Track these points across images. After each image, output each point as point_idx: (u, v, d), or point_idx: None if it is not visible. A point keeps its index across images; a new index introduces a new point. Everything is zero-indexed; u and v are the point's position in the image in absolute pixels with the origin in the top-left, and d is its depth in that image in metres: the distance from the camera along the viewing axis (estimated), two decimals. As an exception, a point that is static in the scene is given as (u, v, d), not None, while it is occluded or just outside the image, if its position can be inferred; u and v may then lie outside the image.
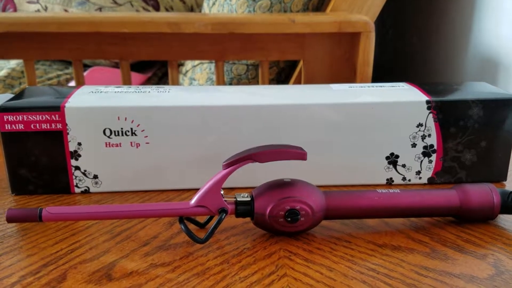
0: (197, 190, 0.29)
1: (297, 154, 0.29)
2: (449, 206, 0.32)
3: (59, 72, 0.91)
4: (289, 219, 0.30)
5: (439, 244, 0.31)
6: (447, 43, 0.84)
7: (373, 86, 0.40)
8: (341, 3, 0.70)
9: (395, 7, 1.05)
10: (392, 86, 0.40)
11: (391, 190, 0.32)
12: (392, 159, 0.38)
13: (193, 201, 0.29)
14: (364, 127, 0.37)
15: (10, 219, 0.29)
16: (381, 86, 0.40)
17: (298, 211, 0.30)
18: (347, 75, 0.69)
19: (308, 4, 0.76)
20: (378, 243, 0.31)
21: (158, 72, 1.02)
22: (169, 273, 0.27)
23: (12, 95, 0.38)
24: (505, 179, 0.39)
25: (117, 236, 0.31)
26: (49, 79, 0.88)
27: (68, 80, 0.89)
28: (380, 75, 1.15)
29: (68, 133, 0.36)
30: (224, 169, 0.29)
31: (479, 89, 0.39)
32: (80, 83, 0.69)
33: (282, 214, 0.29)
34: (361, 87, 0.40)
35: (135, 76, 0.90)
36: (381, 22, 1.15)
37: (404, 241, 0.31)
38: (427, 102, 0.36)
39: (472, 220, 0.33)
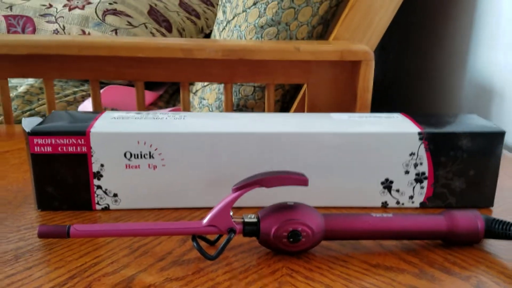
0: (207, 208, 0.33)
1: (299, 180, 0.33)
2: (437, 230, 0.35)
3: (75, 89, 0.96)
4: (292, 239, 0.33)
5: (427, 266, 0.34)
6: (444, 69, 0.88)
7: (370, 116, 0.44)
8: (344, 32, 0.74)
9: (398, 33, 1.09)
10: (388, 117, 0.43)
11: (384, 215, 0.35)
12: (387, 184, 0.41)
13: (205, 221, 0.32)
14: (361, 155, 0.40)
15: (41, 235, 0.32)
16: (378, 117, 0.44)
17: (299, 232, 0.33)
18: (348, 99, 0.72)
19: (313, 32, 0.80)
20: (372, 263, 0.34)
21: (169, 89, 1.06)
22: (183, 287, 0.31)
23: (41, 119, 0.42)
24: (492, 205, 0.42)
25: (135, 251, 0.35)
26: (66, 95, 0.92)
27: (84, 97, 0.93)
28: (380, 95, 1.19)
29: (92, 155, 0.39)
30: (234, 192, 0.32)
31: (469, 121, 0.43)
32: (97, 102, 0.73)
33: (285, 235, 0.33)
34: (359, 117, 0.44)
35: (147, 94, 0.94)
36: (382, 46, 1.19)
37: (396, 262, 0.34)
38: (419, 133, 0.40)
39: (458, 243, 0.36)
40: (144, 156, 0.39)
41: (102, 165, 0.40)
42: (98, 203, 0.41)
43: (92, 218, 0.40)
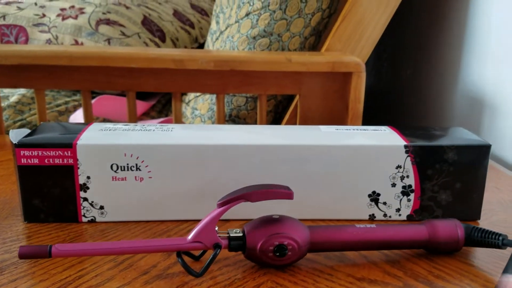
0: (194, 221, 0.33)
1: (285, 194, 0.33)
2: (418, 240, 0.35)
3: (67, 99, 0.96)
4: (278, 253, 0.33)
5: (412, 279, 0.34)
6: (436, 81, 0.88)
7: (357, 129, 0.44)
8: (336, 43, 0.74)
9: (391, 44, 1.10)
10: (375, 130, 0.44)
11: (368, 225, 0.36)
12: (374, 197, 0.41)
13: (190, 237, 0.32)
14: (348, 167, 0.40)
15: (22, 256, 0.31)
16: (365, 130, 0.44)
17: (285, 246, 0.33)
18: (340, 110, 0.73)
19: (305, 43, 0.80)
20: (357, 276, 0.34)
21: (162, 99, 1.06)
22: (166, 300, 0.30)
23: (28, 131, 0.42)
24: (479, 218, 0.43)
25: (120, 264, 0.34)
26: (58, 105, 0.92)
27: (76, 107, 0.93)
28: (374, 104, 1.20)
29: (78, 167, 0.39)
30: (219, 207, 0.32)
31: (456, 135, 0.43)
32: (88, 112, 0.73)
33: (271, 249, 0.33)
34: (347, 129, 0.44)
35: (140, 104, 0.94)
36: (377, 55, 1.19)
37: (380, 275, 0.34)
38: (405, 146, 0.40)
39: (439, 251, 0.36)
40: (130, 168, 0.39)
41: (88, 177, 0.39)
42: (84, 216, 0.41)
43: (78, 231, 0.40)
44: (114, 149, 0.39)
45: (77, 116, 0.87)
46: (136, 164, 0.39)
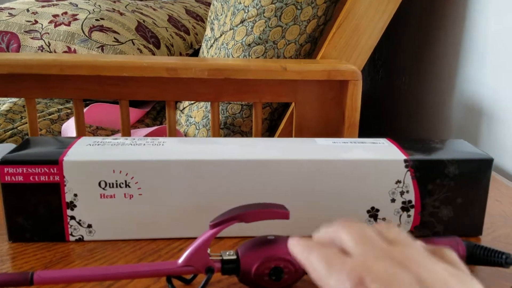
0: (186, 239, 0.31)
1: (280, 214, 0.31)
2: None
3: (60, 107, 0.94)
4: (274, 277, 0.31)
5: None
6: (432, 89, 0.87)
7: (355, 142, 0.42)
8: (331, 50, 0.73)
9: (387, 52, 1.09)
10: (373, 143, 0.42)
11: None
12: (373, 213, 0.40)
13: (180, 261, 0.31)
14: (346, 182, 0.39)
15: (1, 284, 0.30)
16: (363, 143, 0.42)
17: (282, 268, 0.31)
18: (337, 118, 0.71)
19: (300, 50, 0.79)
20: None
21: (156, 106, 1.05)
22: (156, 328, 0.29)
23: (14, 146, 0.40)
24: (481, 234, 0.41)
25: (108, 287, 0.33)
26: (50, 113, 0.91)
27: (68, 115, 0.91)
28: (371, 112, 1.19)
29: (65, 185, 0.38)
30: (211, 229, 0.31)
31: (456, 148, 0.42)
32: (80, 121, 0.72)
33: (267, 273, 0.31)
34: (344, 142, 0.42)
35: (133, 111, 0.93)
36: (372, 62, 1.18)
37: None
38: (405, 161, 0.39)
39: None
40: (119, 185, 0.38)
41: (75, 195, 0.38)
42: (71, 234, 0.39)
43: (65, 251, 0.38)
44: (103, 166, 0.37)
45: (70, 125, 0.85)
46: (126, 181, 0.38)
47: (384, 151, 0.40)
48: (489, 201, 0.48)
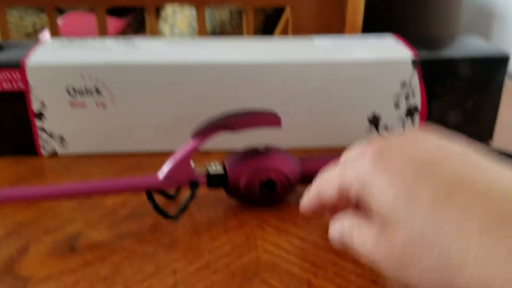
0: (169, 152, 0.28)
1: (271, 121, 0.28)
2: None
3: (35, 19, 0.87)
4: (265, 190, 0.28)
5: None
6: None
7: (357, 40, 0.38)
8: None
9: None
10: (378, 40, 0.38)
11: None
12: (374, 120, 0.36)
13: (161, 174, 0.27)
14: (346, 87, 0.35)
15: None
16: (366, 40, 0.38)
17: (274, 181, 0.28)
18: (336, 23, 0.65)
19: None
20: (355, 210, 0.30)
21: (138, 15, 0.97)
22: (136, 245, 0.26)
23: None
24: (491, 138, 0.38)
25: (83, 203, 0.30)
26: (25, 27, 0.84)
27: (44, 28, 0.84)
28: (373, 15, 1.11)
29: (30, 92, 0.33)
30: (194, 139, 0.27)
31: (469, 45, 0.37)
32: (54, 32, 0.65)
33: (257, 185, 0.28)
34: (345, 41, 0.38)
35: (113, 21, 0.86)
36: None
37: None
38: (413, 60, 0.34)
39: None
40: (90, 92, 0.33)
41: (43, 104, 0.34)
42: (43, 148, 0.35)
43: (37, 165, 0.35)
44: (68, 70, 0.33)
45: (46, 37, 0.79)
46: (96, 88, 0.33)
47: (389, 50, 0.36)
48: (502, 109, 0.44)
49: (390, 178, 0.19)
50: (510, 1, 0.62)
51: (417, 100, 0.36)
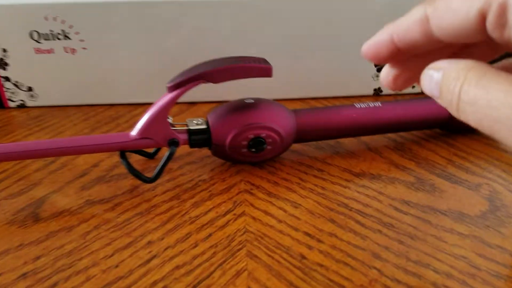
0: (148, 104, 0.24)
1: (260, 70, 0.24)
2: (436, 116, 0.28)
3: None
4: (254, 149, 0.25)
5: (426, 172, 0.26)
6: None
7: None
8: None
9: None
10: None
11: (371, 104, 0.27)
12: (382, 66, 0.32)
13: (134, 132, 0.24)
14: (350, 23, 0.31)
15: None
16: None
17: (263, 139, 0.25)
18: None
19: None
20: (355, 171, 0.27)
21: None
22: (107, 212, 0.23)
23: None
24: None
25: (51, 164, 0.27)
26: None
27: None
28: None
29: (-12, 37, 0.29)
30: (170, 92, 0.23)
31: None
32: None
33: (245, 144, 0.25)
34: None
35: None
36: None
37: (385, 168, 0.27)
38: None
39: (463, 130, 0.29)
40: (57, 37, 0.29)
41: (5, 50, 0.30)
42: (10, 100, 0.32)
43: (4, 118, 0.31)
44: (30, 11, 0.29)
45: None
46: (63, 31, 0.29)
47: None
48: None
49: None
50: None
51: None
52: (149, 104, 0.24)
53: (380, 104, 0.28)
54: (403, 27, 0.16)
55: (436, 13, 0.15)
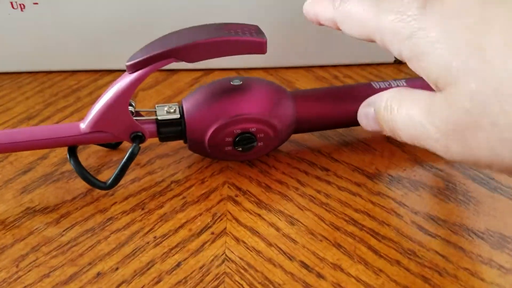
0: (118, 72, 0.19)
1: (250, 44, 0.18)
2: None
3: None
4: (240, 148, 0.19)
5: (459, 173, 0.21)
6: None
7: None
8: None
9: None
10: None
11: (393, 83, 0.22)
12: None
13: (84, 125, 0.18)
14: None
15: None
16: None
17: (253, 134, 0.19)
18: None
19: None
20: (368, 171, 0.21)
21: None
22: (50, 227, 0.18)
23: None
24: None
25: (-11, 154, 0.22)
26: None
27: None
28: None
29: None
30: (130, 72, 0.18)
31: None
32: None
33: (229, 141, 0.19)
34: None
35: None
36: None
37: (408, 167, 0.21)
38: None
39: None
40: (-6, -13, 0.23)
41: None
42: None
43: None
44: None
45: None
46: (3, -20, 0.23)
47: None
48: None
49: (448, 24, 0.14)
50: None
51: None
52: (119, 72, 0.19)
53: (404, 83, 0.22)
54: (320, 17, 0.18)
55: (340, 23, 0.17)
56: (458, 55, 0.13)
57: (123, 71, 0.18)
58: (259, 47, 0.18)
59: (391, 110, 0.16)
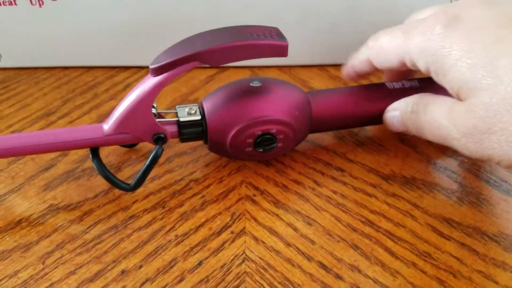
0: (136, 68, 0.19)
1: (273, 48, 0.18)
2: None
3: None
4: (261, 149, 0.20)
5: (472, 175, 0.21)
6: None
7: None
8: None
9: None
10: None
11: (407, 84, 0.22)
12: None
13: (108, 126, 0.19)
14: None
15: None
16: None
17: (274, 135, 0.19)
18: None
19: None
20: (384, 172, 0.21)
21: None
22: (74, 224, 0.19)
23: None
24: None
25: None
26: None
27: None
28: None
29: None
30: (154, 75, 0.18)
31: None
32: None
33: (250, 142, 0.19)
34: None
35: None
36: None
37: (422, 169, 0.22)
38: None
39: None
40: (14, -16, 0.23)
41: (-49, -1, 0.24)
42: (-34, 59, 0.26)
43: (-40, 83, 0.26)
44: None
45: None
46: (22, -23, 0.23)
47: None
48: None
49: (468, 43, 0.16)
50: None
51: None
52: (135, 68, 0.19)
53: (417, 84, 0.22)
54: (357, 64, 0.21)
55: (374, 58, 0.20)
56: (476, 73, 0.16)
57: (139, 67, 0.18)
58: (281, 51, 0.18)
59: (417, 113, 0.19)
